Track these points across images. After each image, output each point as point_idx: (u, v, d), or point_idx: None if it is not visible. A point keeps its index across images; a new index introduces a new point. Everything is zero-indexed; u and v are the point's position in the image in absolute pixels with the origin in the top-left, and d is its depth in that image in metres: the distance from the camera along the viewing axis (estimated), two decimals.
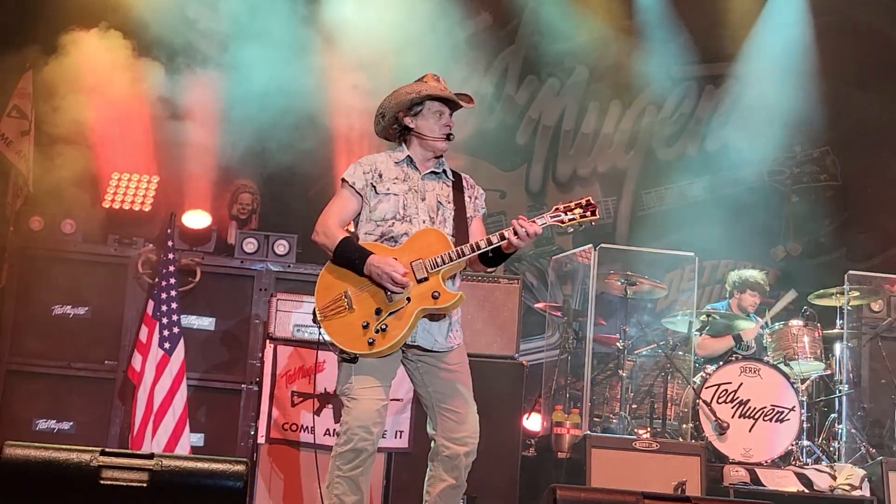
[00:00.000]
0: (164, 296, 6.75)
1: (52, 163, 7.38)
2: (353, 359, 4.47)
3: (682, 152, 10.38)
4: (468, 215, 4.73)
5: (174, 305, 6.75)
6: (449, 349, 4.63)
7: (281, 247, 7.21)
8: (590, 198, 4.60)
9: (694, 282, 8.61)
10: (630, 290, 7.72)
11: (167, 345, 6.69)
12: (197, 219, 7.43)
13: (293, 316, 6.44)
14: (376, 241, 4.60)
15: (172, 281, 6.80)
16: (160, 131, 8.00)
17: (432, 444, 4.63)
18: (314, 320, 4.54)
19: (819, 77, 10.10)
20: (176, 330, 6.73)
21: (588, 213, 4.56)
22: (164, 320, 6.71)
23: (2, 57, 7.60)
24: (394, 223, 4.60)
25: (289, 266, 7.21)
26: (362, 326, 4.44)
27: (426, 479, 4.64)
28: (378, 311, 4.45)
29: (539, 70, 10.13)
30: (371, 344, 4.42)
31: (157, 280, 6.84)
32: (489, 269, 4.88)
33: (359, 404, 4.48)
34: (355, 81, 8.50)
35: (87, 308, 7.01)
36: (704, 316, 7.76)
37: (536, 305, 8.91)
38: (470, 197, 4.79)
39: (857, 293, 7.83)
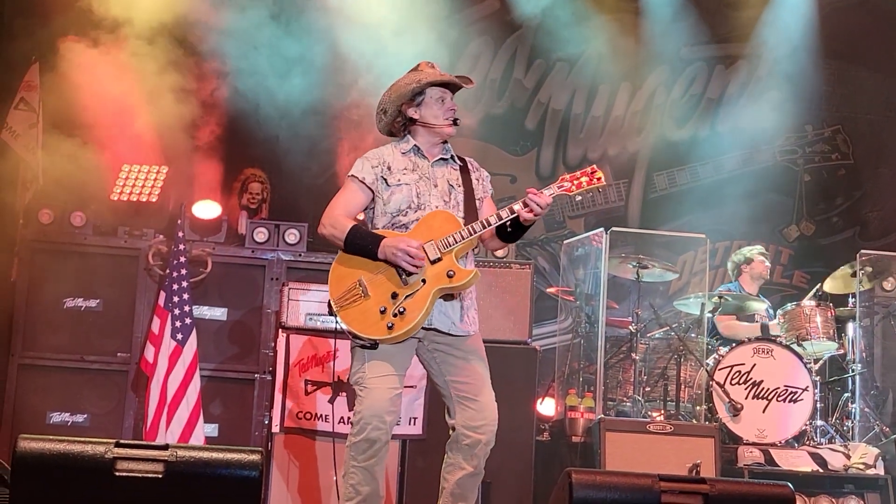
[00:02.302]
0: (175, 287, 6.74)
1: (60, 155, 7.37)
2: (373, 345, 4.46)
3: (694, 133, 10.33)
4: (478, 196, 4.74)
5: (186, 296, 6.75)
6: (466, 335, 4.63)
7: (291, 236, 7.20)
8: (594, 166, 4.63)
9: (706, 263, 8.59)
10: (642, 273, 7.70)
11: (179, 336, 6.69)
12: (207, 209, 7.42)
13: (305, 305, 6.43)
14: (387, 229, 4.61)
15: (183, 272, 6.79)
16: (168, 118, 7.99)
17: (451, 432, 4.62)
18: (330, 311, 4.53)
19: (829, 56, 10.06)
20: (188, 321, 6.73)
21: (594, 180, 4.58)
22: (176, 311, 6.71)
23: (8, 49, 7.60)
24: (409, 212, 4.60)
25: (300, 255, 7.20)
26: (380, 312, 4.44)
27: (444, 465, 4.63)
28: (394, 296, 4.45)
29: (547, 54, 10.08)
30: (390, 328, 4.42)
31: (168, 271, 6.83)
32: (504, 246, 4.88)
33: (371, 393, 4.47)
34: (362, 67, 8.48)
35: (98, 300, 7.00)
36: (717, 298, 7.75)
37: (549, 290, 8.91)
38: (477, 179, 4.81)
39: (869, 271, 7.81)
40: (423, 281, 4.46)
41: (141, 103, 7.81)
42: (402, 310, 4.42)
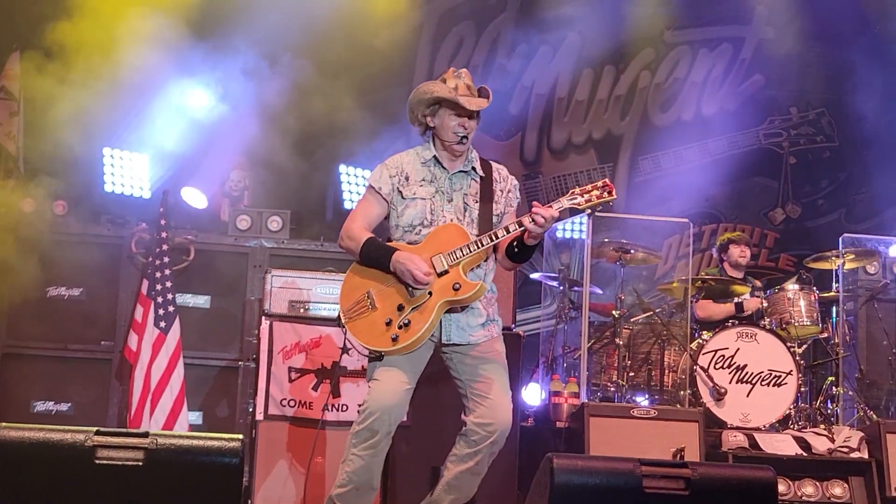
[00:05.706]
0: (158, 275, 6.73)
1: (41, 143, 7.33)
2: (380, 357, 4.51)
3: (678, 117, 10.35)
4: (499, 212, 4.68)
5: (168, 284, 6.74)
6: (484, 340, 4.65)
7: (274, 223, 7.20)
8: (606, 179, 4.56)
9: (690, 248, 8.60)
10: (624, 258, 7.71)
11: (163, 324, 6.67)
12: (190, 197, 7.39)
13: (288, 292, 6.43)
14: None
15: (166, 260, 6.78)
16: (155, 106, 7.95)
17: (463, 427, 4.63)
18: (339, 323, 4.58)
19: (814, 39, 10.06)
20: (171, 308, 6.72)
21: (605, 194, 4.50)
22: (159, 299, 6.70)
23: None
24: (420, 230, 4.61)
25: (282, 242, 7.19)
26: (385, 324, 4.48)
27: (449, 455, 4.66)
28: (400, 308, 4.49)
29: (530, 38, 10.06)
30: (394, 340, 4.45)
31: (150, 259, 6.81)
32: (515, 266, 4.87)
33: (379, 385, 4.51)
34: (346, 54, 8.45)
35: (81, 289, 6.99)
36: (700, 282, 7.76)
37: (533, 276, 8.91)
38: (501, 191, 4.74)
39: (852, 255, 7.82)
40: (430, 293, 4.48)
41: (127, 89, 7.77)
42: (406, 322, 4.46)
